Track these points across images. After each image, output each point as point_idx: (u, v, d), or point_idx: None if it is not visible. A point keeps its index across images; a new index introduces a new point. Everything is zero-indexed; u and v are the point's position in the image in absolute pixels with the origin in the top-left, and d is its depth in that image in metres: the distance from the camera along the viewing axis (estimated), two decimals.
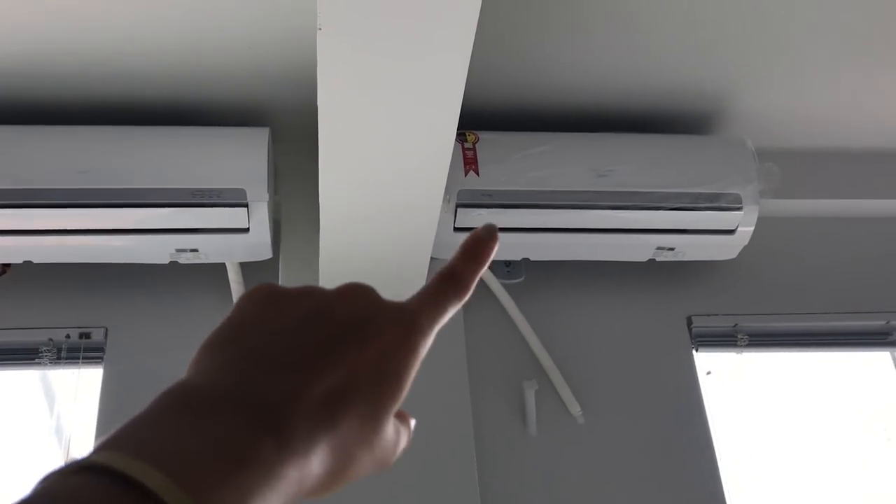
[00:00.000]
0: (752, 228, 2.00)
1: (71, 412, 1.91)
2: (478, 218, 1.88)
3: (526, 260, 2.06)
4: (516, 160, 1.92)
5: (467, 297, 0.46)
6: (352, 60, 1.15)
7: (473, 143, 1.93)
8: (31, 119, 1.84)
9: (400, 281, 1.79)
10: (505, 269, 2.12)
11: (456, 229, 1.90)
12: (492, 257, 0.48)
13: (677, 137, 2.04)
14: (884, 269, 2.22)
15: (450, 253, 1.62)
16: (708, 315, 2.12)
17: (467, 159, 1.90)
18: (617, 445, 1.94)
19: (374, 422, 0.39)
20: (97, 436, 1.84)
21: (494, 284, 2.02)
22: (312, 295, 0.42)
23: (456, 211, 1.87)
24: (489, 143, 1.94)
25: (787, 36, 1.88)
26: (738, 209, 1.96)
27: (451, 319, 1.57)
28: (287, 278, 1.93)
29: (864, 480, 2.09)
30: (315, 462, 0.36)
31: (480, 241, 0.47)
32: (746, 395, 2.14)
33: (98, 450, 0.32)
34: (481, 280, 0.48)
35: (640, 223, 1.96)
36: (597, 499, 1.88)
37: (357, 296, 0.42)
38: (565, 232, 1.95)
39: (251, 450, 0.34)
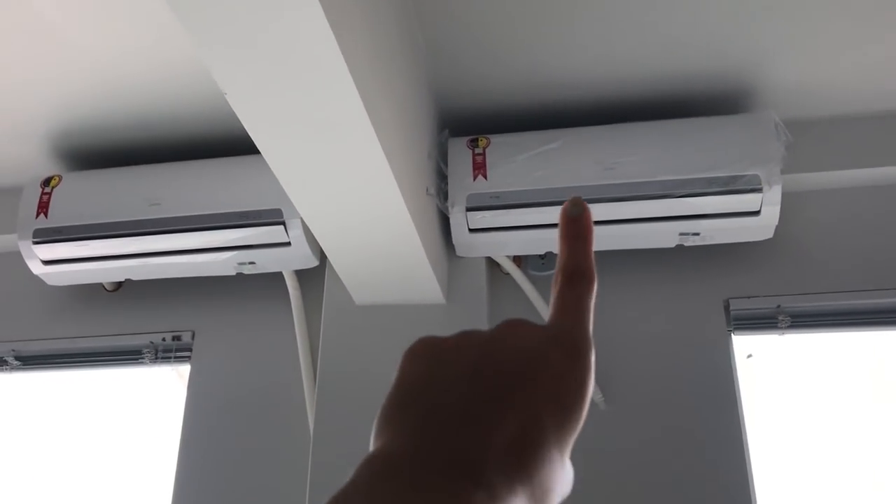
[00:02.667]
0: (777, 208, 1.93)
1: (165, 401, 2.30)
2: (485, 219, 2.00)
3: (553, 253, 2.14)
4: (523, 161, 2.00)
5: (596, 278, 0.46)
6: (266, 117, 1.34)
7: (484, 148, 2.04)
8: (105, 161, 2.23)
9: (412, 281, 1.97)
10: (540, 261, 2.21)
11: (471, 230, 2.03)
12: (593, 225, 0.47)
13: (693, 121, 2.00)
14: None
15: (473, 250, 1.80)
16: (747, 297, 2.08)
17: (476, 164, 2.02)
18: (641, 432, 1.98)
19: (562, 454, 0.40)
20: (184, 421, 2.21)
21: (517, 274, 2.13)
22: (472, 341, 0.43)
23: (467, 214, 2.00)
24: (499, 146, 2.04)
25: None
26: (758, 190, 1.91)
27: (473, 313, 1.72)
28: (330, 282, 2.15)
29: None
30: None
31: (574, 219, 0.47)
32: (791, 379, 2.08)
33: None
34: (506, 272, 0.51)
35: (654, 212, 1.97)
36: (618, 485, 1.95)
37: (514, 332, 0.43)
38: None
39: None
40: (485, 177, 2.01)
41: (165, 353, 2.28)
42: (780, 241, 2.07)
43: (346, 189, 1.57)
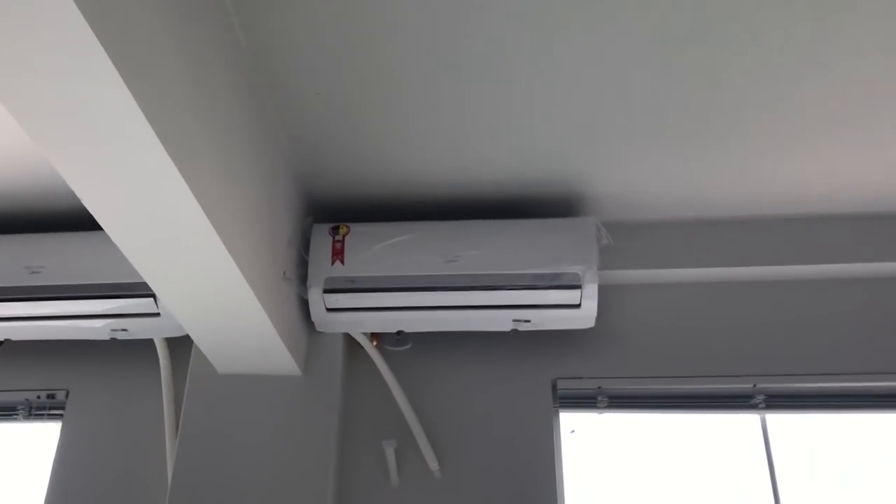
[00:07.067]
0: (594, 302, 2.21)
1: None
2: (340, 301, 2.22)
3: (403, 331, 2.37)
4: (377, 250, 2.24)
5: None
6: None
7: (344, 236, 2.27)
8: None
9: (267, 355, 2.17)
10: (395, 337, 2.44)
11: (328, 310, 2.25)
12: None
13: (527, 222, 2.27)
14: (749, 334, 2.35)
15: (332, 327, 2.02)
16: (572, 378, 2.34)
17: (335, 250, 2.25)
18: (470, 498, 2.21)
19: None
20: (52, 475, 2.34)
21: (370, 349, 2.35)
22: None
23: (324, 296, 2.22)
24: (358, 234, 2.27)
25: (639, 121, 2.04)
26: (577, 287, 2.18)
27: (327, 385, 1.92)
28: (196, 350, 2.33)
29: None
30: None
31: None
32: (612, 454, 2.34)
33: None
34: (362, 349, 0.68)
35: (489, 301, 2.22)
36: None
37: None
38: (422, 310, 2.25)
39: None
40: (342, 262, 2.24)
41: (39, 409, 2.41)
42: (603, 329, 2.35)
43: (199, 284, 1.78)
